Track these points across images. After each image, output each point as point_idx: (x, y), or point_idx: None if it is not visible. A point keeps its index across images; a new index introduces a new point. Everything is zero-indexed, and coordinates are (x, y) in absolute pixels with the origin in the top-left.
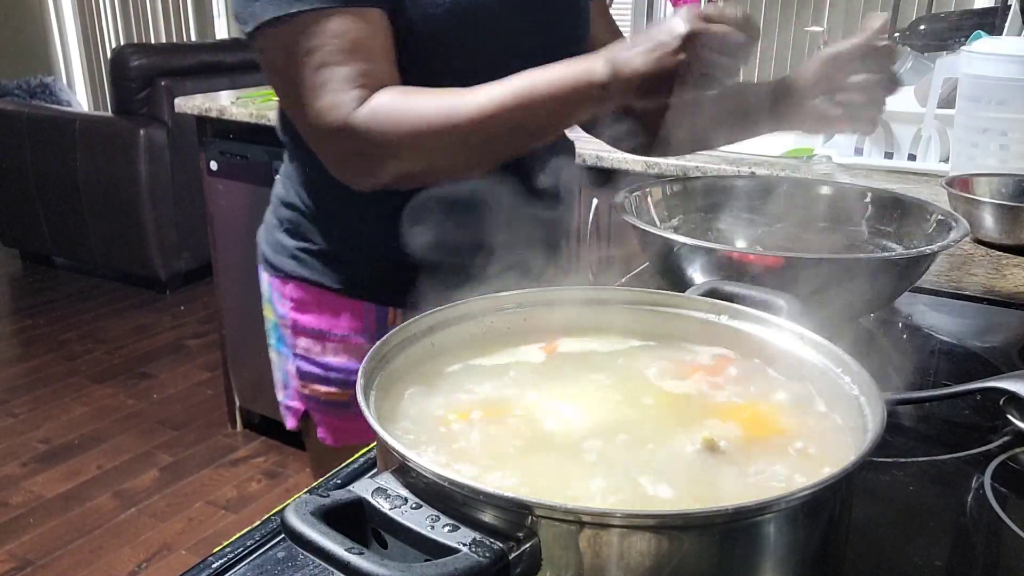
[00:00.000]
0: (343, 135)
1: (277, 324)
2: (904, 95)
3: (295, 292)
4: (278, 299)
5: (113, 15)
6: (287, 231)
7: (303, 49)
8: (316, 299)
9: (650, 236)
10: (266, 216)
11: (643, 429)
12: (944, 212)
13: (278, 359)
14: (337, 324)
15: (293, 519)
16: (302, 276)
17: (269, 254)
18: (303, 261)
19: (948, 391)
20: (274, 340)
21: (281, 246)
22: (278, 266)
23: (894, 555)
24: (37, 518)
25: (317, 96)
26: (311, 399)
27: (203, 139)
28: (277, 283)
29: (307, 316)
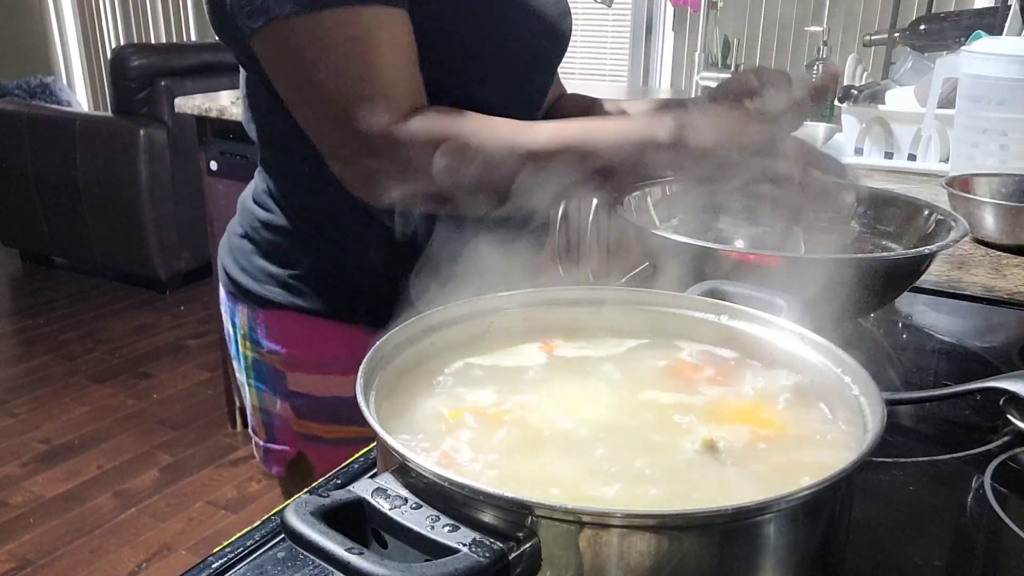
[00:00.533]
0: (385, 144)
1: (259, 361)
2: (904, 95)
3: (288, 324)
4: (264, 333)
5: (113, 15)
6: (270, 256)
7: (336, 49)
8: (314, 330)
9: (650, 236)
10: (233, 240)
11: (643, 429)
12: (944, 212)
13: (259, 399)
14: (339, 354)
15: (293, 519)
16: (295, 305)
17: (249, 284)
18: (294, 289)
19: (948, 391)
20: (253, 379)
21: (265, 273)
22: (264, 296)
23: (894, 555)
24: (37, 518)
25: (354, 104)
26: (307, 439)
27: (203, 139)
28: (259, 316)
29: (305, 350)
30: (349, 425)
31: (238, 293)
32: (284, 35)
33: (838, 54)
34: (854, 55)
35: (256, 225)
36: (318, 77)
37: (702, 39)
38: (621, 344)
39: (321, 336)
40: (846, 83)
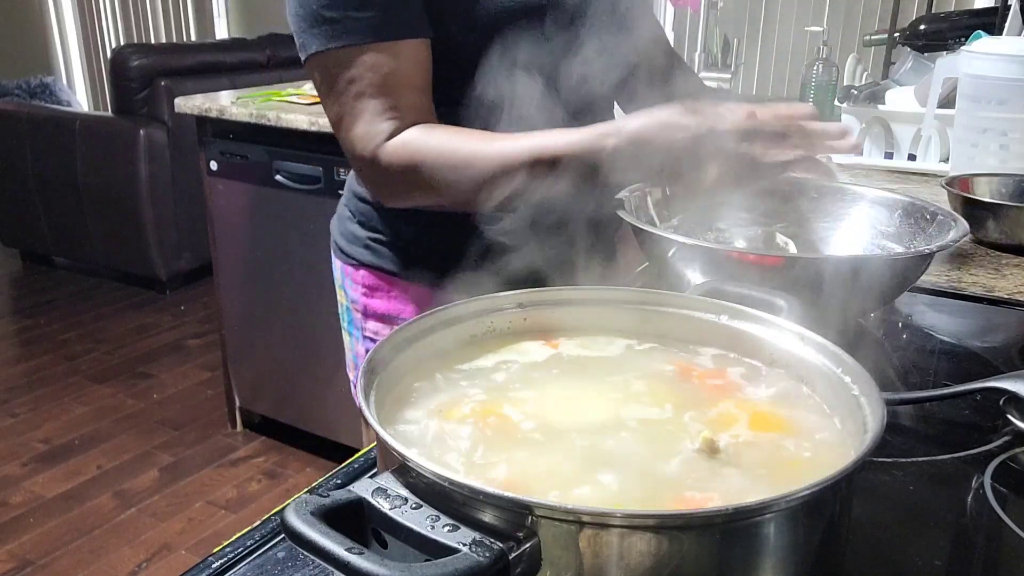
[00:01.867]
0: (369, 165)
1: (348, 307)
2: (904, 95)
3: (366, 278)
4: (350, 284)
5: (113, 15)
6: (359, 222)
7: (343, 80)
8: (385, 285)
9: (650, 236)
10: (339, 207)
11: (643, 429)
12: (944, 212)
13: (349, 340)
14: (404, 309)
15: (293, 519)
16: (373, 264)
17: (342, 243)
18: (374, 250)
19: (948, 391)
20: (345, 322)
21: (353, 236)
22: (350, 254)
23: (894, 555)
24: (37, 518)
25: (353, 124)
26: None
27: (203, 139)
28: (349, 269)
29: (377, 301)
30: None
31: (336, 250)
32: (312, 68)
33: (838, 54)
34: (854, 55)
35: (351, 195)
36: (331, 104)
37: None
38: (621, 344)
39: (392, 291)
40: (846, 83)
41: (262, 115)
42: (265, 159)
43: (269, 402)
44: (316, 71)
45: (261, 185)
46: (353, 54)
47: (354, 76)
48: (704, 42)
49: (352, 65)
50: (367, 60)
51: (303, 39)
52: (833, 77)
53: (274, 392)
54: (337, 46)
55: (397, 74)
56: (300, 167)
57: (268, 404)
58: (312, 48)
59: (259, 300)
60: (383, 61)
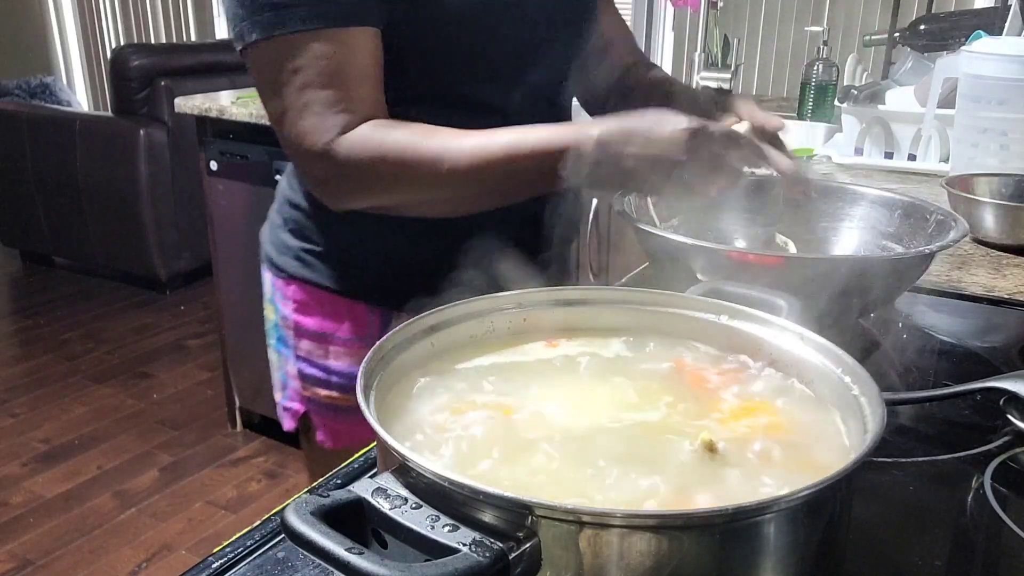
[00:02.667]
0: (322, 160)
1: (278, 324)
2: (904, 95)
3: (298, 293)
4: (280, 299)
5: (113, 15)
6: (291, 231)
7: (287, 70)
8: (319, 301)
9: (650, 236)
10: (270, 214)
11: (642, 429)
12: (944, 212)
13: (278, 360)
14: (340, 328)
15: (293, 519)
16: (305, 277)
17: (272, 254)
18: (306, 262)
19: (948, 391)
20: (274, 340)
21: (285, 246)
22: (281, 266)
23: (894, 555)
24: (37, 518)
25: (299, 118)
26: (312, 401)
27: (203, 139)
28: (280, 283)
29: (310, 318)
30: (342, 393)
31: (265, 261)
32: (252, 59)
33: (838, 54)
34: (854, 55)
35: (283, 202)
36: (275, 96)
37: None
38: (621, 344)
39: (327, 308)
40: (846, 83)
41: (262, 115)
42: (265, 159)
43: (269, 402)
44: (257, 62)
45: (261, 185)
46: (300, 42)
47: (300, 65)
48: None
49: (299, 54)
50: (315, 48)
51: (242, 27)
52: (833, 77)
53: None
54: (282, 33)
55: (348, 64)
56: None
57: (268, 404)
58: (253, 36)
59: (259, 300)
60: (333, 50)
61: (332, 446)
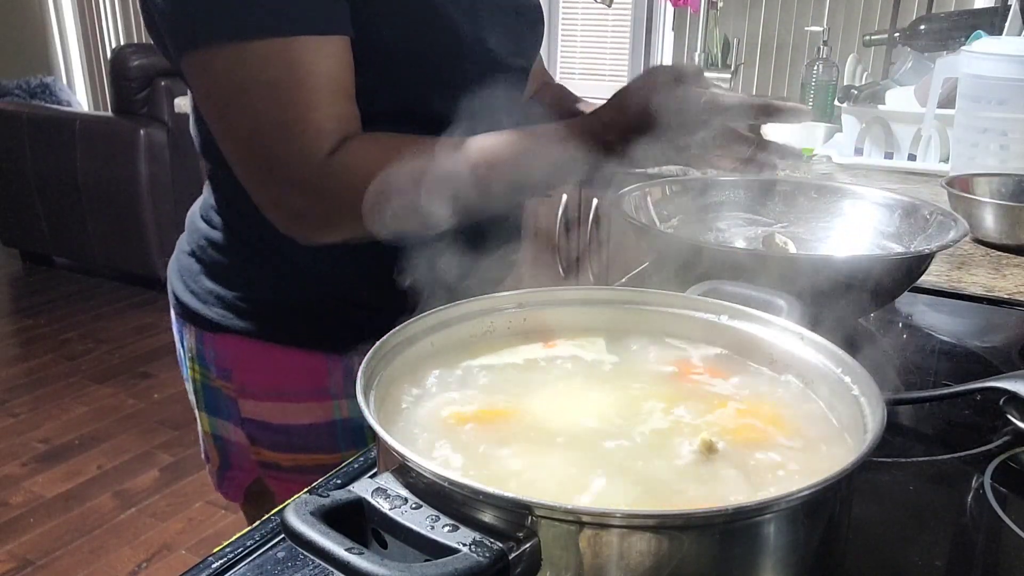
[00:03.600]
0: (304, 189)
1: (209, 387)
2: (904, 95)
3: (238, 349)
4: (213, 358)
5: (113, 15)
6: (218, 277)
7: (259, 82)
8: (266, 355)
9: (650, 236)
10: (181, 259)
11: (642, 429)
12: (944, 212)
13: (211, 425)
14: (295, 382)
15: (293, 519)
16: (245, 330)
17: (196, 306)
18: (244, 312)
19: (948, 391)
20: (202, 404)
21: (213, 296)
22: (211, 319)
23: (894, 555)
24: (37, 518)
25: (280, 140)
26: (268, 466)
27: None
28: (208, 339)
29: (257, 375)
30: (306, 453)
31: (184, 314)
32: (209, 64)
33: (838, 54)
34: (854, 55)
35: (203, 243)
36: (241, 112)
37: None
38: (621, 344)
39: (272, 362)
40: (846, 83)
41: None
42: None
43: None
44: (213, 70)
45: None
46: (274, 48)
47: (278, 77)
48: (704, 42)
49: (274, 62)
50: (293, 57)
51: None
52: (833, 77)
53: None
54: (253, 38)
55: (329, 76)
56: None
57: None
58: (212, 38)
59: None
60: (312, 59)
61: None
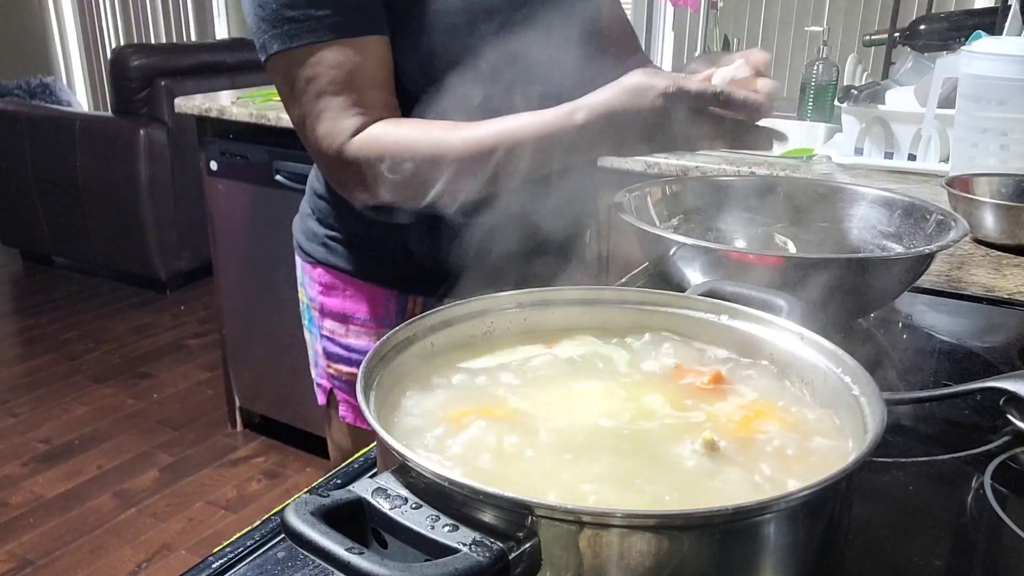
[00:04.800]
0: (336, 162)
1: (308, 306)
2: (904, 95)
3: (323, 276)
4: (308, 282)
5: (113, 15)
6: (318, 220)
7: (303, 79)
8: (341, 284)
9: (650, 236)
10: (301, 205)
11: (643, 429)
12: (944, 212)
13: (309, 339)
14: (359, 308)
15: (293, 519)
16: (329, 262)
17: (302, 240)
18: (331, 248)
19: (948, 391)
20: (306, 320)
21: (312, 233)
22: (309, 252)
23: (894, 555)
24: (37, 518)
25: (316, 123)
26: (336, 378)
27: (203, 139)
28: (308, 267)
29: (332, 299)
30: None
31: (296, 248)
32: (273, 69)
33: (838, 54)
34: (854, 55)
35: (311, 193)
36: (293, 104)
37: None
38: (621, 344)
39: (346, 290)
40: (846, 83)
41: (262, 115)
42: (265, 159)
43: (269, 402)
44: (278, 72)
45: (261, 185)
46: (314, 52)
47: (315, 74)
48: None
49: (313, 63)
50: (328, 58)
51: (263, 40)
52: (833, 77)
53: (274, 392)
54: (298, 45)
55: (359, 71)
56: (300, 167)
57: (268, 404)
58: (273, 48)
59: (259, 300)
60: (344, 58)
61: (352, 422)
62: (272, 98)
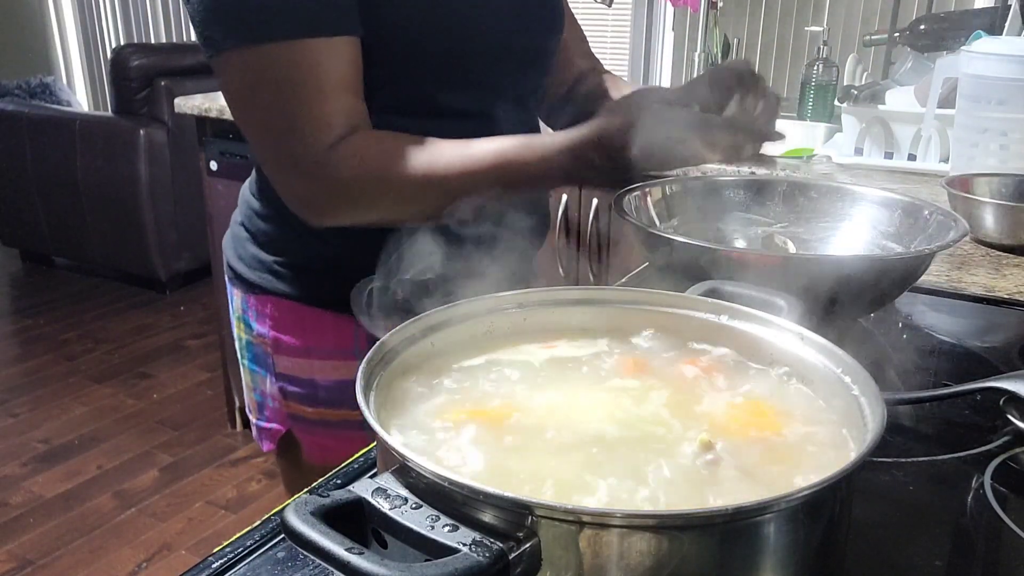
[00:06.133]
0: (306, 178)
1: (251, 343)
2: (904, 95)
3: (275, 309)
4: (255, 316)
5: (113, 15)
6: (262, 244)
7: (267, 80)
8: (298, 316)
9: (650, 236)
10: (233, 228)
11: (642, 429)
12: (944, 212)
13: (252, 379)
14: (323, 341)
15: (293, 519)
16: (280, 291)
17: (242, 270)
18: (282, 276)
19: (948, 391)
20: (246, 359)
21: (257, 261)
22: (254, 282)
23: (894, 555)
24: (37, 518)
25: (281, 133)
26: (296, 419)
27: (203, 139)
28: (251, 300)
29: (289, 335)
30: (331, 408)
31: (233, 278)
32: (227, 66)
33: (838, 54)
34: (854, 55)
35: (250, 214)
36: (254, 108)
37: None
38: (621, 344)
39: (305, 322)
40: (846, 83)
41: None
42: None
43: None
44: (231, 70)
45: None
46: (283, 51)
47: (285, 76)
48: (704, 42)
49: (278, 64)
50: (295, 58)
51: (214, 32)
52: (833, 77)
53: None
54: (264, 41)
55: (330, 75)
56: None
57: None
58: (230, 43)
59: None
60: (314, 60)
61: (320, 462)
62: None
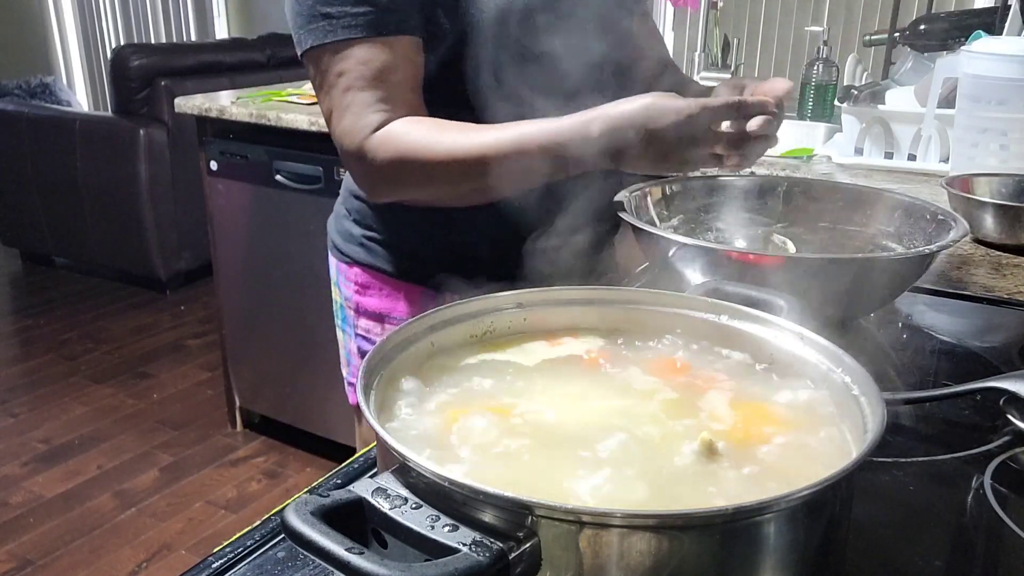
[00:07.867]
0: (355, 158)
1: (342, 305)
2: (904, 95)
3: (359, 276)
4: (343, 282)
5: (113, 15)
6: (354, 220)
7: (334, 74)
8: (377, 283)
9: (650, 236)
10: (336, 206)
11: (642, 429)
12: (944, 212)
13: (343, 338)
14: (395, 307)
15: (293, 519)
16: (366, 262)
17: (337, 240)
18: (367, 248)
19: (948, 391)
20: (339, 320)
21: (349, 234)
22: (345, 252)
23: (894, 555)
24: (37, 518)
25: (341, 117)
26: None
27: (203, 139)
28: (343, 267)
29: (369, 299)
30: None
31: (332, 248)
32: (308, 64)
33: (838, 54)
34: (854, 55)
35: (347, 194)
36: (322, 99)
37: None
38: (621, 344)
39: (383, 290)
40: (846, 83)
41: (262, 115)
42: (265, 159)
43: (269, 402)
44: (311, 66)
45: (261, 185)
46: (346, 48)
47: (344, 70)
48: (704, 42)
49: (344, 59)
50: (358, 54)
51: (300, 35)
52: (833, 77)
53: (274, 392)
54: (331, 41)
55: (388, 69)
56: (300, 167)
57: (268, 404)
58: (307, 43)
59: (259, 300)
60: (374, 56)
61: None
62: (272, 98)
